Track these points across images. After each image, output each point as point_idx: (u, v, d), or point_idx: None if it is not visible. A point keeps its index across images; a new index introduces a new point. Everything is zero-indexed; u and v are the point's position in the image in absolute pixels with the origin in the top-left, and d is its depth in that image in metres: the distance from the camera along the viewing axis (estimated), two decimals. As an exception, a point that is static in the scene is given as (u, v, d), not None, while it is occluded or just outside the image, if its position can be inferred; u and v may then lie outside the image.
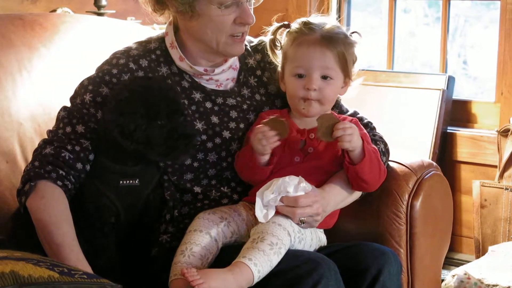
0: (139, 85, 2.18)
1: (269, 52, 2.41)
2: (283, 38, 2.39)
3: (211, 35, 2.29)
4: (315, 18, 2.36)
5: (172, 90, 2.21)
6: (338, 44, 2.31)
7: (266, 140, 2.21)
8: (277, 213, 2.18)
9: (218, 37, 2.29)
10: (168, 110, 2.15)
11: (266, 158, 2.26)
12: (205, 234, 2.17)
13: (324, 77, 2.29)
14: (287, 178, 2.18)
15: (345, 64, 2.33)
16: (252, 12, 2.31)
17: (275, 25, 2.40)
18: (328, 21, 2.36)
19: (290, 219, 2.18)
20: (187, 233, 2.20)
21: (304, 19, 2.37)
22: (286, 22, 2.40)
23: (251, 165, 2.27)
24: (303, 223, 2.20)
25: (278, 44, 2.39)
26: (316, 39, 2.30)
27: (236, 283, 2.02)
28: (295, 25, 2.36)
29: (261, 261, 2.05)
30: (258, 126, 2.25)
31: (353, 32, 2.37)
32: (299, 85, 2.30)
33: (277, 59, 2.40)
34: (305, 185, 2.19)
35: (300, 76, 2.30)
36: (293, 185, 2.17)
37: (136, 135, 2.12)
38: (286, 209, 2.18)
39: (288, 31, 2.37)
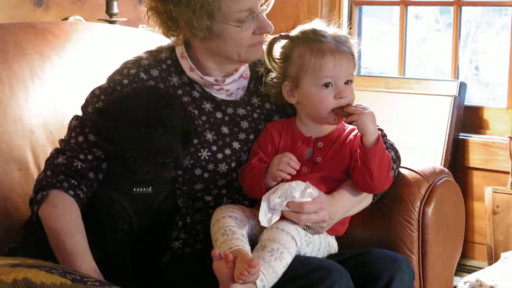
0: (135, 91, 2.20)
1: (269, 65, 2.37)
2: (279, 48, 2.34)
3: (231, 51, 2.29)
4: (313, 24, 2.33)
5: (168, 107, 2.17)
6: (350, 47, 2.31)
7: (285, 166, 2.21)
8: (283, 218, 2.18)
9: (239, 50, 2.29)
10: (149, 122, 2.14)
11: (274, 183, 2.26)
12: (234, 219, 2.18)
13: (346, 82, 2.28)
14: (293, 183, 2.18)
15: (356, 64, 2.33)
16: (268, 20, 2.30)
17: (270, 37, 2.35)
18: (322, 25, 2.34)
19: (296, 224, 2.18)
20: (215, 223, 2.19)
21: (305, 27, 2.33)
22: (283, 33, 2.36)
23: (256, 186, 2.27)
24: (309, 228, 2.20)
25: (280, 57, 2.34)
26: (336, 46, 2.27)
27: None
28: (299, 34, 2.32)
29: (262, 269, 2.04)
30: (288, 153, 2.24)
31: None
32: (329, 94, 2.26)
33: (279, 70, 2.35)
34: (312, 191, 2.19)
35: (326, 85, 2.26)
36: (300, 191, 2.17)
37: (113, 139, 2.16)
38: (291, 214, 2.18)
39: (293, 42, 2.32)
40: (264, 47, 2.38)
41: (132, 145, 2.15)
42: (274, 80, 2.37)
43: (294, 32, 2.35)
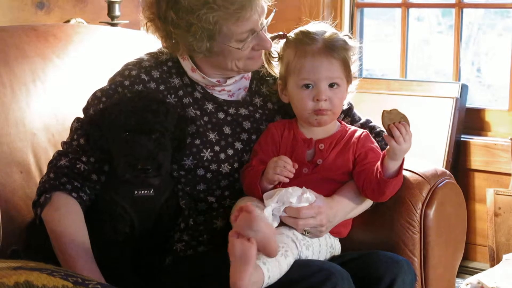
0: (123, 97, 2.21)
1: (265, 64, 2.39)
2: (278, 48, 2.37)
3: (231, 64, 2.30)
4: (313, 26, 2.34)
5: (153, 112, 2.15)
6: (341, 51, 2.29)
7: (282, 169, 2.20)
8: (282, 223, 2.18)
9: (238, 63, 2.30)
10: (131, 128, 2.13)
11: (271, 186, 2.25)
12: (256, 207, 2.13)
13: (331, 85, 2.28)
14: (290, 189, 2.18)
15: (349, 69, 2.32)
16: (268, 36, 2.30)
17: (268, 35, 2.35)
18: (325, 28, 2.34)
19: (294, 229, 2.18)
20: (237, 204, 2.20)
21: (302, 28, 2.34)
22: (281, 33, 2.37)
23: (253, 189, 2.26)
24: (308, 233, 2.19)
25: (274, 56, 2.38)
26: (320, 49, 2.28)
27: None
28: (293, 35, 2.34)
29: (269, 261, 2.02)
30: (283, 156, 2.24)
31: (345, 35, 2.35)
32: (308, 96, 2.28)
33: (274, 70, 2.39)
34: (309, 195, 2.18)
35: (307, 86, 2.28)
36: (296, 196, 2.17)
37: (102, 146, 2.18)
38: (289, 220, 2.18)
39: (286, 42, 2.34)
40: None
41: (115, 151, 2.15)
42: (272, 78, 2.41)
43: (291, 33, 2.36)
